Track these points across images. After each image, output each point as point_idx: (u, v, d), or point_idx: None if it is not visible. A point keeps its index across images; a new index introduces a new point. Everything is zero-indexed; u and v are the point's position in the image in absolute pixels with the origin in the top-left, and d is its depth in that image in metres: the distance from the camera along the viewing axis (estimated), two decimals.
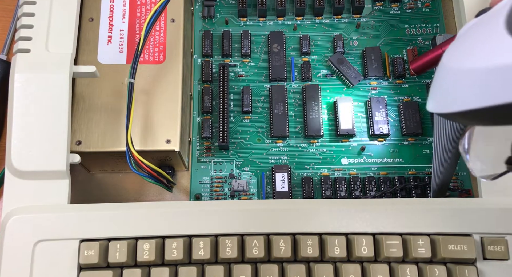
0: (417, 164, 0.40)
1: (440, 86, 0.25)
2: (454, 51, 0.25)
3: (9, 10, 0.45)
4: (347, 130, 0.40)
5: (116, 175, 0.41)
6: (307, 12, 0.44)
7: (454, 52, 0.25)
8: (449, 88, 0.24)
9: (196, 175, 0.40)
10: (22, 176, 0.32)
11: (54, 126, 0.33)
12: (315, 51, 0.43)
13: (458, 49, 0.25)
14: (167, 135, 0.36)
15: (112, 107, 0.36)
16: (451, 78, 0.24)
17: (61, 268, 0.30)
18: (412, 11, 0.44)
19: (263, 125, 0.41)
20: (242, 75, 0.43)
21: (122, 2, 0.39)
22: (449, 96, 0.24)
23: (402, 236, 0.31)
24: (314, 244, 0.31)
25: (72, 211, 0.32)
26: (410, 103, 0.41)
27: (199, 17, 0.45)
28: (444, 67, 0.25)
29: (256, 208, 0.32)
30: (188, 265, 0.31)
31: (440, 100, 0.25)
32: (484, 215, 0.31)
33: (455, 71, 0.24)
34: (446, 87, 0.24)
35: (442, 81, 0.25)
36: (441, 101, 0.25)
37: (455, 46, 0.25)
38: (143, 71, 0.37)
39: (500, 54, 0.21)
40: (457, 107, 0.24)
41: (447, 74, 0.25)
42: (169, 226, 0.31)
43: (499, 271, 0.30)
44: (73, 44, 0.35)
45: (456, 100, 0.23)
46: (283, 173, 0.39)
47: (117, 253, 0.30)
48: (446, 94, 0.24)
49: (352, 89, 0.42)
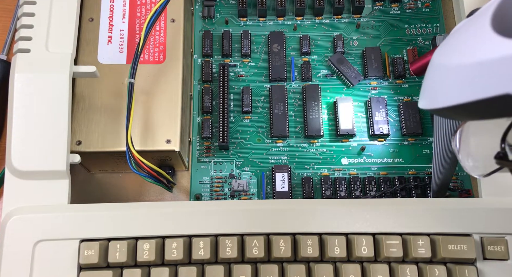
0: (417, 164, 0.40)
1: (429, 83, 0.26)
2: (443, 49, 0.26)
3: (9, 10, 0.45)
4: (347, 130, 0.40)
5: (116, 175, 0.41)
6: (307, 12, 0.44)
7: (442, 50, 0.25)
8: (438, 85, 0.24)
9: (196, 175, 0.40)
10: (22, 176, 0.32)
11: (54, 126, 0.33)
12: (315, 51, 0.43)
13: (446, 47, 0.25)
14: (167, 135, 0.36)
15: (112, 107, 0.36)
16: (439, 74, 0.24)
17: (61, 268, 0.30)
18: (412, 11, 0.44)
19: (263, 125, 0.41)
20: (242, 75, 0.43)
21: (122, 2, 0.39)
22: (438, 92, 0.25)
23: (402, 236, 0.31)
24: (314, 244, 0.31)
25: (72, 211, 0.32)
26: (410, 103, 0.41)
27: (199, 17, 0.45)
28: (433, 64, 0.26)
29: (256, 208, 0.32)
30: (188, 265, 0.31)
31: (429, 97, 0.26)
32: (484, 215, 0.31)
33: (443, 67, 0.24)
34: (435, 84, 0.25)
35: (431, 78, 0.25)
36: (431, 98, 0.25)
37: (444, 44, 0.26)
38: (143, 71, 0.37)
39: (485, 50, 0.22)
40: (445, 102, 0.24)
41: (436, 71, 0.25)
42: (169, 226, 0.31)
43: (499, 271, 0.30)
44: (73, 44, 0.35)
45: (444, 95, 0.24)
46: (283, 173, 0.39)
47: (117, 253, 0.30)
48: (435, 90, 0.25)
49: (352, 89, 0.42)
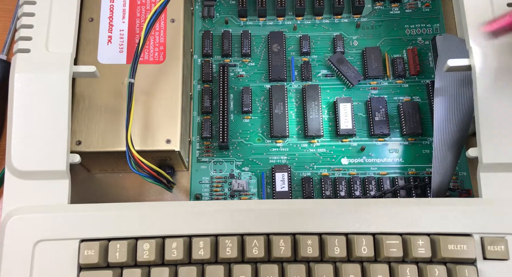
0: (417, 164, 0.40)
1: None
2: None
3: (9, 10, 0.45)
4: (347, 130, 0.40)
5: (116, 175, 0.41)
6: (307, 12, 0.44)
7: None
8: None
9: (196, 175, 0.40)
10: (22, 176, 0.32)
11: (54, 126, 0.33)
12: (315, 51, 0.43)
13: None
14: (167, 135, 0.36)
15: (112, 107, 0.36)
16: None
17: (61, 268, 0.30)
18: (412, 11, 0.44)
19: (263, 125, 0.41)
20: (242, 75, 0.43)
21: (122, 2, 0.39)
22: None
23: (402, 236, 0.31)
24: (314, 244, 0.31)
25: (72, 211, 0.32)
26: (410, 103, 0.41)
27: (199, 17, 0.45)
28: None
29: (256, 208, 0.32)
30: (188, 265, 0.31)
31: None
32: (484, 215, 0.31)
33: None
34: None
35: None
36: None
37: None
38: (143, 71, 0.37)
39: None
40: None
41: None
42: (169, 226, 0.31)
43: (499, 271, 0.30)
44: (73, 44, 0.34)
45: None
46: (283, 173, 0.39)
47: (117, 253, 0.30)
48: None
49: (352, 89, 0.42)
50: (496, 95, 0.32)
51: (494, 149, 0.32)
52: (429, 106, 0.41)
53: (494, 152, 0.32)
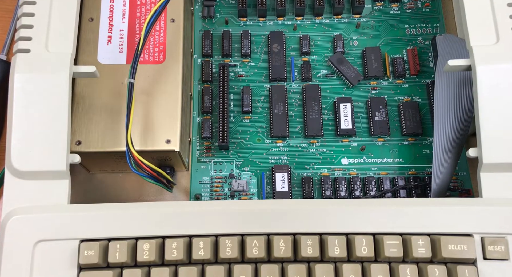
0: (417, 164, 0.40)
1: None
2: None
3: (9, 10, 0.45)
4: (347, 130, 0.40)
5: (116, 175, 0.41)
6: (307, 12, 0.44)
7: None
8: None
9: (196, 175, 0.40)
10: (22, 176, 0.32)
11: (54, 126, 0.33)
12: (315, 51, 0.43)
13: None
14: (167, 135, 0.36)
15: (112, 107, 0.36)
16: None
17: (61, 268, 0.30)
18: (412, 11, 0.44)
19: (263, 125, 0.41)
20: (242, 75, 0.43)
21: (122, 2, 0.39)
22: None
23: (402, 236, 0.31)
24: (314, 244, 0.31)
25: (72, 211, 0.32)
26: (410, 103, 0.41)
27: (199, 17, 0.45)
28: None
29: (256, 208, 0.32)
30: (188, 265, 0.31)
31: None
32: (484, 215, 0.31)
33: None
34: None
35: None
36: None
37: None
38: (143, 71, 0.37)
39: None
40: None
41: None
42: (169, 226, 0.31)
43: (499, 271, 0.30)
44: (73, 44, 0.34)
45: None
46: (283, 173, 0.39)
47: (117, 253, 0.30)
48: None
49: (352, 89, 0.42)
50: (496, 95, 0.32)
51: (494, 149, 0.32)
52: (429, 106, 0.41)
53: (494, 152, 0.32)
